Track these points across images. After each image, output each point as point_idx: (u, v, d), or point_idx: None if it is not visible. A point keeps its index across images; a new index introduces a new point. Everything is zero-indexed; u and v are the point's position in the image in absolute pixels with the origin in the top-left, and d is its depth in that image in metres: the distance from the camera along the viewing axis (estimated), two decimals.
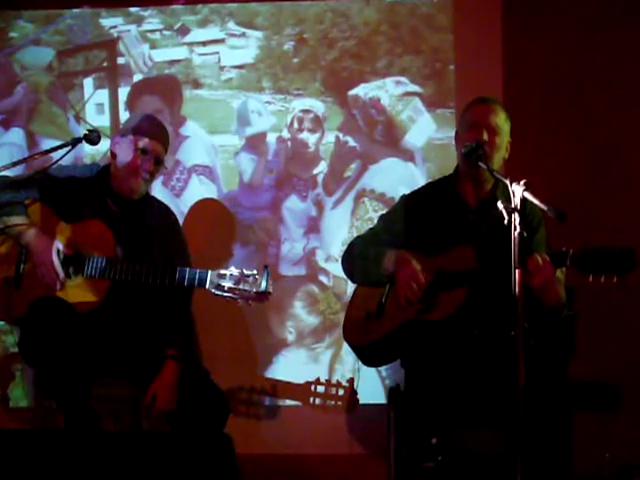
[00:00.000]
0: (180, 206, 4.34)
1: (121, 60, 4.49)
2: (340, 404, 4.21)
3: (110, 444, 3.01)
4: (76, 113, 4.50)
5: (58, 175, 3.45)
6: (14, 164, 3.36)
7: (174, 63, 4.48)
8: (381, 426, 3.45)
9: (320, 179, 4.40)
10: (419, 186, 3.68)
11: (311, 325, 4.37)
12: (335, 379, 4.26)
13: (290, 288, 4.37)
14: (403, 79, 4.38)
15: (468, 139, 3.29)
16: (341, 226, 4.37)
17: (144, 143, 3.40)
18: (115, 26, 4.50)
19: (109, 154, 3.52)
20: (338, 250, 4.28)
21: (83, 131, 3.47)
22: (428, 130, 4.36)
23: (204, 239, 4.28)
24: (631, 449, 3.97)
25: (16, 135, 4.50)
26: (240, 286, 3.18)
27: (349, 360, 4.24)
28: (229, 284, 3.19)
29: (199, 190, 4.42)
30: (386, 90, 4.38)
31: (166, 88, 4.47)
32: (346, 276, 3.63)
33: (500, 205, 2.74)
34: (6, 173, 3.35)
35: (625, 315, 4.14)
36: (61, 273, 3.30)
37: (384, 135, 4.38)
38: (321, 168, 4.40)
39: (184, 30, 4.47)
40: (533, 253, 3.11)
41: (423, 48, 4.38)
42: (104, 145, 3.89)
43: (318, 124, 4.41)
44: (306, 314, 4.37)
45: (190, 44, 4.47)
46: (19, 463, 2.91)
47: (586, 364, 3.74)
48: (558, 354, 3.37)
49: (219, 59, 4.47)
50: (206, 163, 4.44)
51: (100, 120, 4.47)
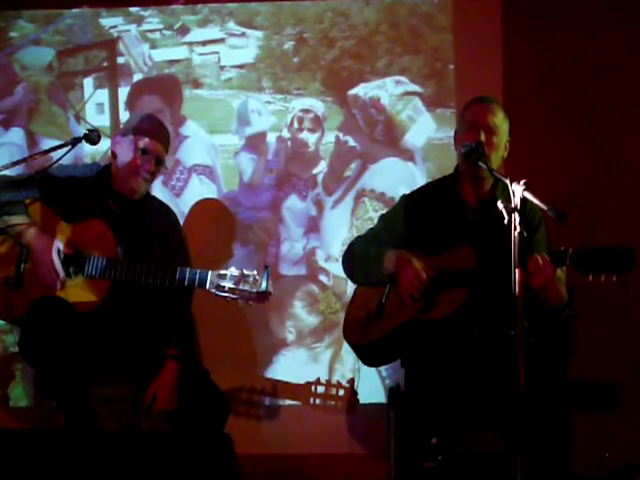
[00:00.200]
0: (180, 206, 4.34)
1: (121, 60, 4.49)
2: (340, 404, 4.21)
3: (110, 444, 3.01)
4: (76, 113, 4.50)
5: (58, 175, 3.45)
6: (14, 164, 3.37)
7: (174, 63, 4.48)
8: (381, 426, 3.45)
9: (320, 179, 4.40)
10: (419, 186, 3.68)
11: (311, 325, 4.37)
12: (335, 379, 4.26)
13: (290, 288, 4.37)
14: (403, 79, 4.37)
15: (467, 139, 3.29)
16: (341, 226, 4.37)
17: (145, 143, 3.40)
18: (115, 26, 4.49)
19: (109, 154, 3.52)
20: (338, 250, 4.28)
21: (83, 131, 3.47)
22: (428, 130, 4.35)
23: (204, 239, 4.28)
24: (631, 449, 3.97)
25: (16, 135, 4.50)
26: (240, 286, 3.19)
27: (349, 360, 4.24)
28: (229, 284, 3.19)
29: (199, 190, 4.42)
30: (386, 90, 4.38)
31: (166, 88, 4.47)
32: (346, 276, 3.63)
33: (500, 205, 2.74)
34: (6, 173, 3.35)
35: (625, 315, 4.14)
36: (61, 273, 3.30)
37: (384, 135, 4.37)
38: (321, 168, 4.40)
39: (184, 30, 4.47)
40: (533, 253, 3.11)
41: (423, 48, 4.37)
42: (104, 145, 3.90)
43: (318, 124, 4.41)
44: (306, 314, 4.37)
45: (190, 44, 4.47)
46: (19, 463, 2.91)
47: (586, 364, 3.74)
48: (558, 354, 3.37)
49: (219, 59, 4.46)
50: (206, 163, 4.44)
51: (100, 120, 4.47)
